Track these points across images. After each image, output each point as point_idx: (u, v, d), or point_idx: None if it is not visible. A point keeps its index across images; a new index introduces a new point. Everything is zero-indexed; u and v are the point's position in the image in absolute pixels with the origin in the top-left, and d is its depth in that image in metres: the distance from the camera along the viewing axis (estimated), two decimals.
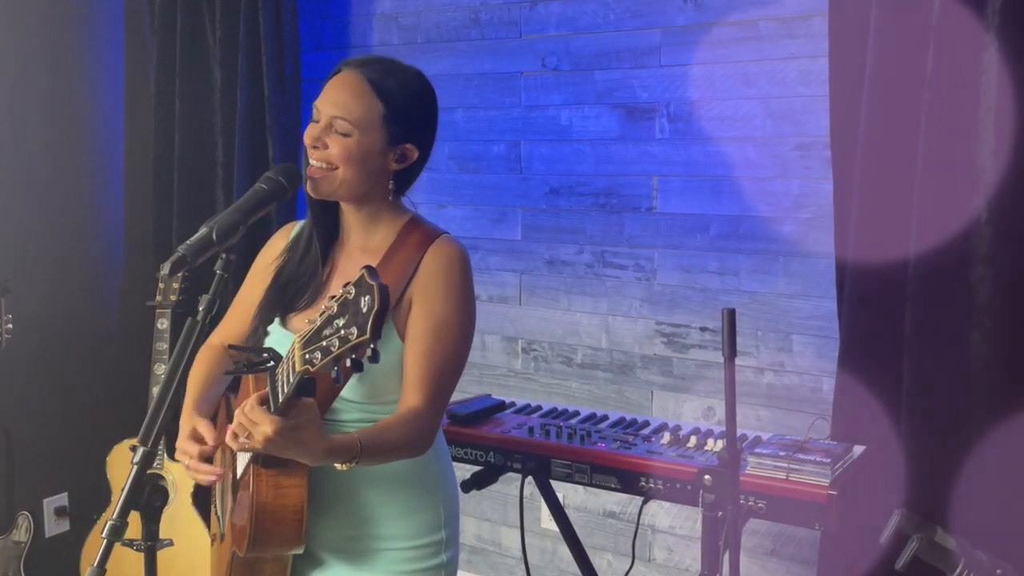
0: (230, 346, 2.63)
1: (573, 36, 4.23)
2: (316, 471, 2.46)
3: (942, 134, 3.19)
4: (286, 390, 2.12)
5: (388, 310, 1.86)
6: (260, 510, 2.40)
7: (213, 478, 2.54)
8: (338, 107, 2.49)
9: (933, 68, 3.18)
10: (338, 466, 2.30)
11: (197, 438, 2.58)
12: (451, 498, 2.73)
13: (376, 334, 1.86)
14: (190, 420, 2.64)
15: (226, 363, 2.84)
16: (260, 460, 2.38)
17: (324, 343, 1.94)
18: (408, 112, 2.56)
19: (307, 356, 1.98)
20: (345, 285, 1.93)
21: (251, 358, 2.33)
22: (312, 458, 2.27)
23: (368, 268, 1.90)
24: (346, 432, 2.47)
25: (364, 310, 1.86)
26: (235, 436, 2.24)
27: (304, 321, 2.60)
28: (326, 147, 2.49)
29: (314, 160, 2.50)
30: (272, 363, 2.25)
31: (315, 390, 2.17)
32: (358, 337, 1.87)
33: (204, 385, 2.76)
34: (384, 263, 2.57)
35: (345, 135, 2.48)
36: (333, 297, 1.96)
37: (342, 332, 1.90)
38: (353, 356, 1.91)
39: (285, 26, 4.76)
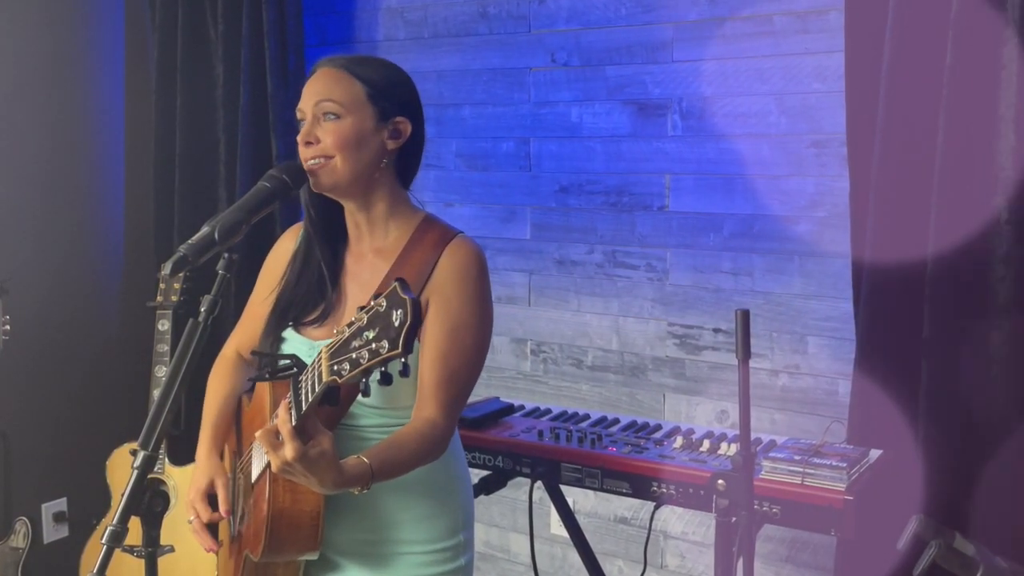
0: (253, 352, 2.65)
1: (583, 31, 4.24)
2: None
3: (961, 131, 3.19)
4: (310, 399, 2.13)
5: (421, 325, 1.89)
6: (276, 515, 2.42)
7: (211, 551, 2.59)
8: (320, 94, 2.52)
9: (952, 63, 3.18)
10: (354, 491, 2.33)
11: (211, 497, 2.63)
12: (468, 501, 2.77)
13: (408, 349, 1.89)
14: (209, 469, 2.69)
15: (245, 373, 2.87)
16: None
17: (353, 355, 1.96)
18: (389, 87, 2.59)
19: (335, 367, 2.00)
20: (375, 296, 1.95)
21: (274, 364, 2.35)
22: (323, 488, 2.28)
23: (400, 281, 1.92)
24: (364, 437, 2.54)
25: (396, 324, 1.88)
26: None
27: (322, 330, 2.62)
28: (318, 140, 2.50)
29: (309, 157, 2.51)
30: (296, 370, 2.26)
31: (339, 399, 2.19)
32: (389, 351, 1.90)
33: (220, 408, 2.81)
34: (399, 264, 2.58)
35: (335, 117, 2.50)
36: (363, 308, 1.97)
37: (372, 345, 1.92)
38: (383, 369, 1.94)
39: (289, 20, 4.76)
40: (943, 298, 3.25)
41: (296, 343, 2.62)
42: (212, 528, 2.68)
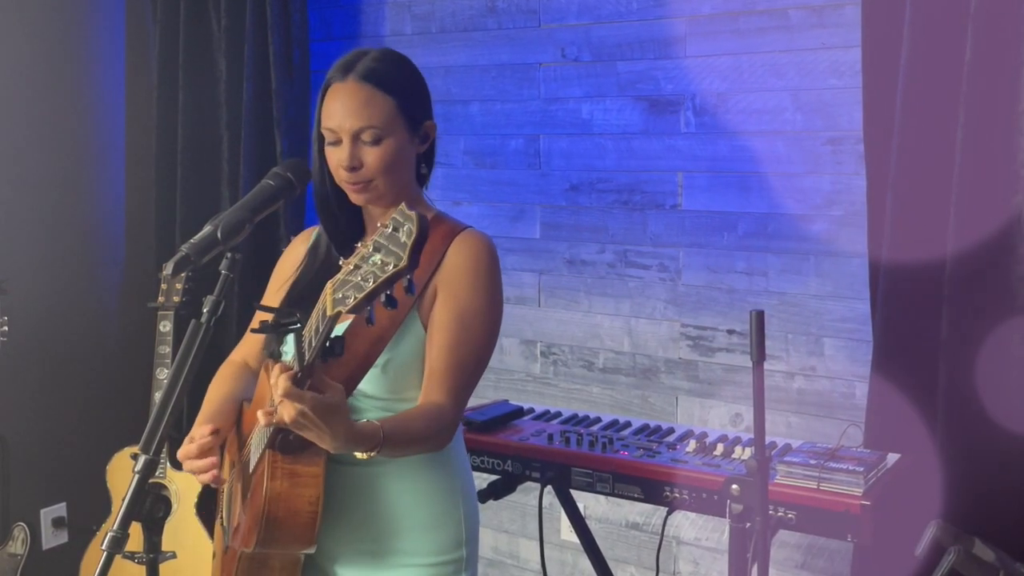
0: (256, 305, 2.62)
1: (594, 25, 4.24)
2: (334, 476, 2.47)
3: (981, 128, 3.19)
4: (315, 343, 2.09)
5: (427, 239, 1.87)
6: (273, 498, 2.39)
7: (209, 476, 2.53)
8: (360, 119, 2.51)
9: (971, 59, 3.17)
10: (358, 454, 2.31)
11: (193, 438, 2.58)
12: (473, 514, 2.75)
13: (415, 262, 1.86)
14: (194, 429, 2.65)
15: (248, 382, 2.85)
16: (277, 445, 2.37)
17: (358, 279, 1.91)
18: (413, 92, 2.61)
19: (339, 297, 1.94)
20: (381, 225, 1.92)
21: (278, 319, 2.31)
22: (334, 442, 2.22)
23: (404, 204, 1.91)
24: None
25: (403, 239, 1.86)
26: (268, 415, 2.21)
27: None
28: (363, 164, 2.52)
29: (351, 180, 2.53)
30: (299, 324, 2.21)
31: (344, 349, 2.15)
32: (395, 267, 1.86)
33: (219, 403, 2.77)
34: None
35: (375, 143, 2.51)
36: (368, 239, 1.95)
37: (379, 265, 1.88)
38: (388, 292, 1.90)
39: (293, 14, 4.77)
40: (962, 299, 3.25)
41: None
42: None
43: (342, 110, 2.53)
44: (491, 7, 4.50)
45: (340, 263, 2.01)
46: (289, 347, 2.61)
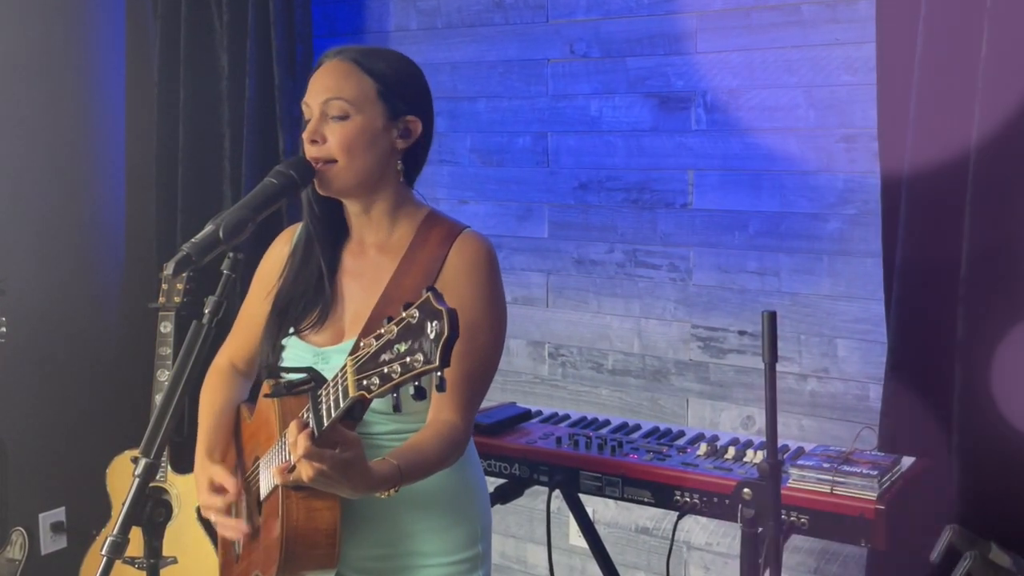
0: (267, 369, 2.64)
1: (603, 20, 4.24)
2: None
3: (997, 126, 3.18)
4: (333, 414, 2.11)
5: (458, 337, 1.87)
6: (291, 535, 2.41)
7: (240, 535, 2.58)
8: (329, 90, 2.51)
9: (987, 55, 3.17)
10: (379, 495, 2.32)
11: (217, 489, 2.63)
12: (485, 511, 2.77)
13: (446, 362, 1.86)
14: (206, 469, 2.69)
15: (238, 387, 2.89)
16: (291, 484, 2.38)
17: (384, 369, 1.93)
18: (401, 83, 2.58)
19: (363, 382, 1.97)
20: (407, 307, 1.92)
21: (290, 379, 2.34)
22: (355, 493, 2.27)
23: (433, 290, 1.89)
24: (377, 444, 2.52)
25: (432, 336, 1.86)
26: (283, 472, 2.25)
27: (323, 335, 2.62)
28: (324, 140, 2.50)
29: (313, 156, 2.51)
30: (314, 383, 2.25)
31: (363, 412, 2.18)
32: (424, 365, 1.87)
33: (215, 420, 2.82)
34: (407, 261, 2.58)
35: (342, 118, 2.49)
36: (391, 319, 1.95)
37: (406, 359, 1.90)
38: (416, 384, 1.92)
39: (296, 10, 4.77)
40: (978, 299, 3.24)
41: (299, 350, 2.62)
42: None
43: (318, 83, 2.54)
44: (498, 2, 4.50)
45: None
46: (292, 351, 2.63)
